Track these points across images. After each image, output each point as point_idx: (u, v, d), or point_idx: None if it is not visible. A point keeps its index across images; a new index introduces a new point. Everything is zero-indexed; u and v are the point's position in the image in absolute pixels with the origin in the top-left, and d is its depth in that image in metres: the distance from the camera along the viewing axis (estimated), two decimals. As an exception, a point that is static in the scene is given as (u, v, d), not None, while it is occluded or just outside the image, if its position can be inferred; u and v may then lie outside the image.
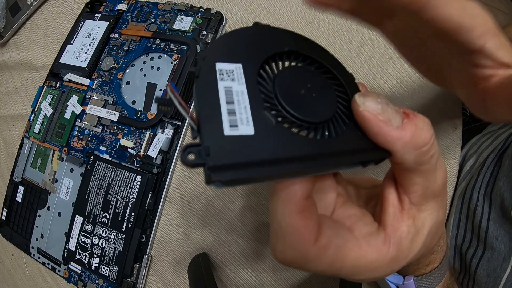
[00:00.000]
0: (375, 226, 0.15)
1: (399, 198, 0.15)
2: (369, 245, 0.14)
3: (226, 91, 0.13)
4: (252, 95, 0.13)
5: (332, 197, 0.16)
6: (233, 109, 0.12)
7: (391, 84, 0.35)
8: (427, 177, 0.14)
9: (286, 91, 0.14)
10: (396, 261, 0.15)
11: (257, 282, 0.33)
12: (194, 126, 0.12)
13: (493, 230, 0.28)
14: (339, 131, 0.14)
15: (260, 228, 0.34)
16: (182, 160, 0.11)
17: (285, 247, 0.13)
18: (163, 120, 0.35)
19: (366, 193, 0.19)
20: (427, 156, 0.14)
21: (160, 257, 0.35)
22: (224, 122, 0.12)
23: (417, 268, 0.24)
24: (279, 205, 0.13)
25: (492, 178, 0.31)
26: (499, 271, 0.27)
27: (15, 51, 0.48)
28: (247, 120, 0.12)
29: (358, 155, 0.14)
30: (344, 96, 0.15)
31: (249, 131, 0.12)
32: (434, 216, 0.15)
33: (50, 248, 0.37)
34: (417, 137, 0.13)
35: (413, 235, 0.15)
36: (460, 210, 0.33)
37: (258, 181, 0.13)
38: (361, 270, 0.14)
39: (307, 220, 0.13)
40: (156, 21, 0.39)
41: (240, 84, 0.13)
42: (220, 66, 0.13)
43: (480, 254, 0.29)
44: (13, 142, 0.43)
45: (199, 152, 0.11)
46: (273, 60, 0.15)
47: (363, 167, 0.15)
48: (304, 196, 0.13)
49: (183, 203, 0.35)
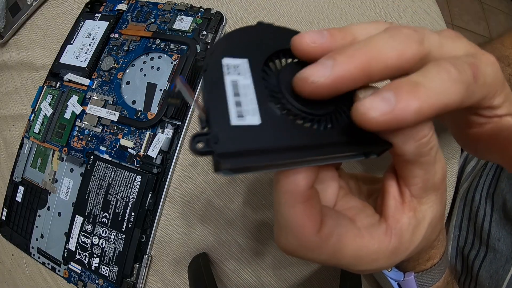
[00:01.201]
0: (377, 217, 0.16)
1: (400, 191, 0.16)
2: (370, 236, 0.14)
3: (232, 84, 0.13)
4: (257, 88, 0.13)
5: (334, 188, 0.17)
6: (240, 101, 0.13)
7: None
8: (427, 170, 0.15)
9: (290, 85, 0.14)
10: (397, 252, 0.15)
11: (257, 281, 0.33)
12: (203, 116, 0.12)
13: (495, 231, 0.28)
14: (342, 123, 0.14)
15: (260, 228, 0.34)
16: (191, 148, 0.11)
17: (288, 236, 0.14)
18: (163, 120, 0.35)
19: (367, 188, 0.19)
20: (426, 147, 0.14)
21: (160, 257, 0.35)
22: (231, 112, 0.12)
23: (417, 264, 0.24)
24: (282, 195, 0.13)
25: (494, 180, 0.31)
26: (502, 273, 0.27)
27: (15, 51, 0.48)
28: (253, 111, 0.13)
29: (360, 146, 0.14)
30: None
31: (255, 121, 0.13)
32: (434, 209, 0.16)
33: (50, 248, 0.37)
34: (417, 128, 0.13)
35: (414, 227, 0.15)
36: (462, 211, 0.32)
37: (263, 168, 0.13)
38: (363, 260, 0.14)
39: (310, 209, 0.13)
40: (156, 21, 0.39)
41: (246, 78, 0.14)
42: (226, 61, 0.14)
43: (483, 256, 0.29)
44: (13, 142, 0.43)
45: (208, 141, 0.12)
46: (277, 56, 0.15)
47: (365, 158, 0.15)
48: (307, 186, 0.13)
49: (183, 203, 0.35)
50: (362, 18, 0.38)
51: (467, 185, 0.33)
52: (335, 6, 0.39)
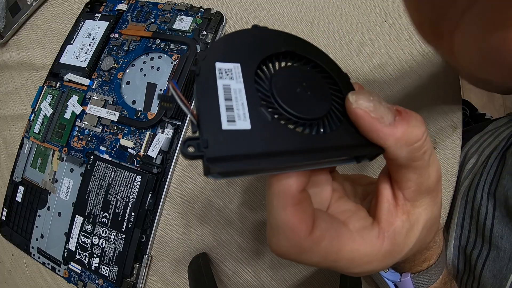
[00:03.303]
0: (370, 221, 0.16)
1: (393, 194, 0.16)
2: (362, 239, 0.14)
3: (224, 88, 0.13)
4: (249, 93, 0.13)
5: (327, 192, 0.17)
6: (231, 105, 0.13)
7: (391, 84, 0.35)
8: (421, 173, 0.15)
9: (282, 89, 0.14)
10: (391, 255, 0.15)
11: (257, 281, 0.33)
12: (194, 121, 0.12)
13: (498, 229, 0.28)
14: (333, 128, 0.14)
15: (260, 227, 0.34)
16: (182, 152, 0.12)
17: (280, 238, 0.14)
18: (163, 120, 0.35)
19: (362, 189, 0.19)
20: (419, 152, 0.14)
21: (160, 257, 0.35)
22: (222, 117, 0.12)
23: (413, 265, 0.24)
24: (274, 198, 0.14)
25: (496, 177, 0.31)
26: (505, 272, 0.27)
27: (15, 51, 0.48)
28: (244, 116, 0.13)
29: (351, 150, 0.14)
30: (338, 95, 0.16)
31: (245, 126, 0.13)
32: (428, 212, 0.16)
33: (50, 248, 0.37)
34: (409, 133, 0.14)
35: (407, 230, 0.15)
36: (464, 209, 0.32)
37: (253, 172, 0.13)
38: (355, 263, 0.14)
39: (302, 212, 0.13)
40: (156, 21, 0.39)
41: (238, 82, 0.14)
42: (219, 65, 0.14)
43: (486, 254, 0.29)
44: (13, 142, 0.43)
45: (198, 145, 0.12)
46: (270, 60, 0.15)
47: (357, 163, 0.16)
48: (298, 190, 0.13)
49: (183, 203, 0.35)
50: (362, 18, 0.38)
51: (468, 183, 0.33)
52: (335, 6, 0.39)
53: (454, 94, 0.34)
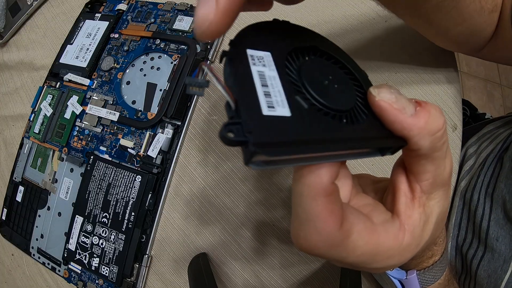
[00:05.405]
0: (389, 214, 0.16)
1: (410, 187, 0.16)
2: (386, 232, 0.14)
3: (259, 74, 0.13)
4: (283, 81, 0.13)
5: (348, 186, 0.17)
6: (268, 92, 0.13)
7: (391, 84, 0.35)
8: (438, 165, 0.15)
9: (312, 80, 0.14)
10: (410, 249, 0.15)
11: (257, 281, 0.33)
12: (232, 105, 0.12)
13: (493, 231, 0.28)
14: (360, 121, 0.15)
15: (260, 227, 0.34)
16: (221, 137, 0.11)
17: (310, 232, 0.13)
18: (163, 120, 0.35)
19: (371, 187, 0.19)
20: (440, 142, 0.14)
21: (160, 257, 0.35)
22: (261, 102, 0.12)
23: (420, 262, 0.24)
24: (305, 189, 0.13)
25: (493, 179, 0.31)
26: (500, 273, 0.27)
27: (15, 51, 0.48)
28: (283, 103, 0.12)
29: (377, 142, 0.14)
30: (360, 90, 0.16)
31: (285, 113, 0.12)
32: (441, 205, 0.16)
33: (50, 248, 0.37)
34: (431, 122, 0.14)
35: (424, 223, 0.15)
36: (461, 210, 0.32)
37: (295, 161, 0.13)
38: (378, 257, 0.14)
39: (333, 204, 0.13)
40: (156, 21, 0.39)
41: (271, 70, 0.13)
42: (251, 52, 0.13)
43: (481, 255, 0.29)
44: (13, 142, 0.43)
45: (239, 130, 0.11)
46: (296, 53, 0.15)
47: (381, 155, 0.16)
48: (330, 180, 0.13)
49: (183, 203, 0.35)
50: (362, 18, 0.38)
51: (465, 183, 0.33)
52: (336, 6, 0.39)
53: (454, 94, 0.34)
